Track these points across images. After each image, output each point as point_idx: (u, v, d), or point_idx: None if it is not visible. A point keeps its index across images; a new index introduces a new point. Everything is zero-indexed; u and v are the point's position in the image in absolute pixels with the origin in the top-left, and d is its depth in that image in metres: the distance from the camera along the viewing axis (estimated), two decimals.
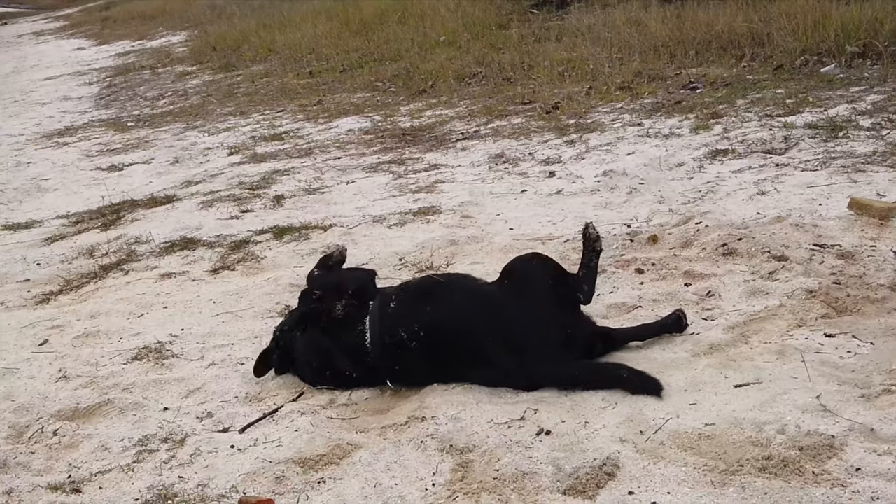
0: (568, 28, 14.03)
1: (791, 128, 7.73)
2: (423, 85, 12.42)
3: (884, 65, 9.30)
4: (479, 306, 4.38)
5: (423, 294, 4.50)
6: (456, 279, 4.70)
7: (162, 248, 7.04)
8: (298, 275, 6.10)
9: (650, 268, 5.43)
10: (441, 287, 4.51)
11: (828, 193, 6.25)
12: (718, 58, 10.86)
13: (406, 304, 4.49)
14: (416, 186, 7.80)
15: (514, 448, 3.81)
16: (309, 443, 4.03)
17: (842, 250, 5.28)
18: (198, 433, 4.28)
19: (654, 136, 8.21)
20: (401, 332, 4.39)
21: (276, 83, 14.75)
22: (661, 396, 4.06)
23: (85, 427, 4.47)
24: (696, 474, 3.48)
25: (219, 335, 5.39)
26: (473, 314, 4.36)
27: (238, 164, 9.68)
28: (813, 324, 4.54)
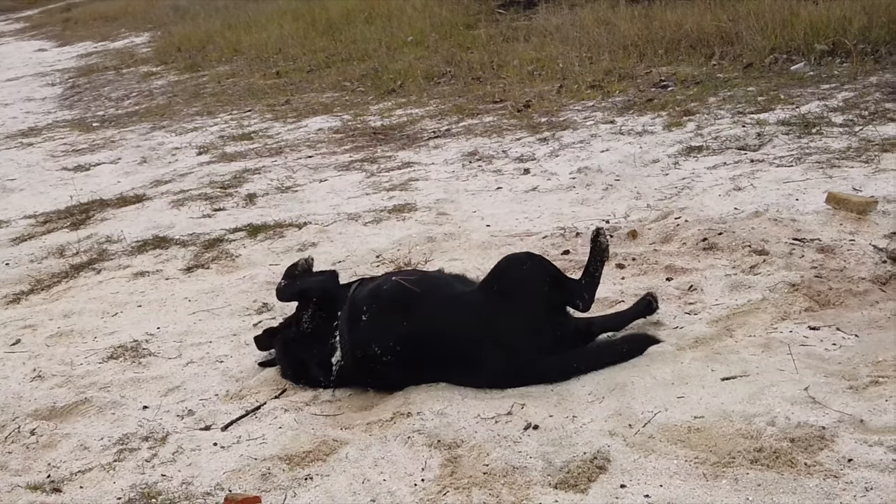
0: (536, 28, 14.02)
1: (764, 125, 7.75)
2: (392, 84, 12.37)
3: (853, 63, 9.33)
4: (460, 318, 4.26)
5: (396, 305, 4.32)
6: (430, 284, 4.47)
7: (134, 246, 6.96)
8: (274, 272, 6.05)
9: (631, 263, 5.42)
10: (416, 298, 4.31)
11: (804, 189, 6.26)
12: (688, 56, 10.88)
13: (378, 317, 4.32)
14: (389, 184, 7.75)
15: (503, 443, 3.77)
16: (294, 439, 3.98)
17: (821, 244, 5.29)
18: (179, 431, 4.22)
19: (628, 134, 8.20)
20: (374, 347, 4.28)
21: (242, 83, 14.64)
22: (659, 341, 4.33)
23: (63, 426, 4.40)
24: (688, 467, 3.46)
25: (196, 333, 5.32)
26: (455, 326, 4.25)
27: (208, 163, 9.60)
28: (797, 317, 4.53)
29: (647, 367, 4.22)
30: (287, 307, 5.35)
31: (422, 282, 4.43)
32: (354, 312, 4.38)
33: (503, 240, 6.08)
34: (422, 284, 4.39)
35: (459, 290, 4.47)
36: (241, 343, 5.06)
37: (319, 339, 4.46)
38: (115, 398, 4.61)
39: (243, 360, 4.85)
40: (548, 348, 4.26)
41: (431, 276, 4.66)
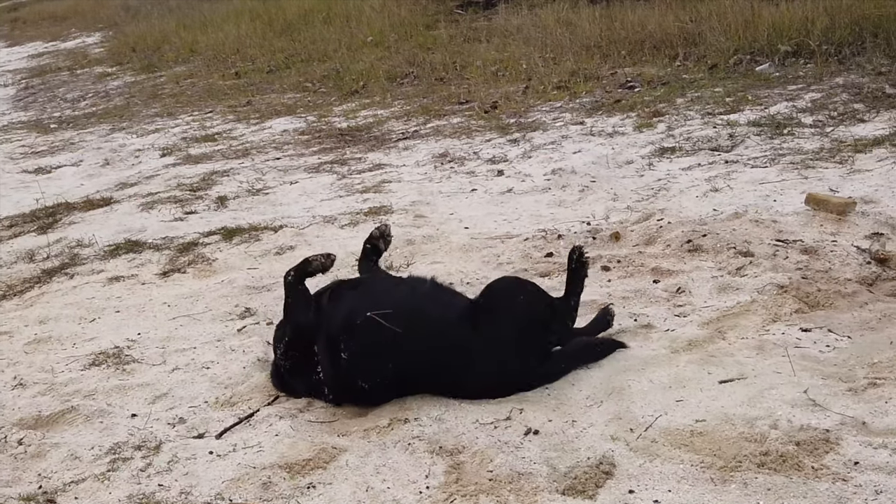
0: (496, 28, 14.02)
1: (735, 125, 7.80)
2: (355, 85, 12.31)
3: (817, 63, 9.41)
4: (449, 351, 4.17)
5: (376, 345, 4.13)
6: (410, 316, 4.20)
7: (106, 251, 6.86)
8: (253, 276, 6.01)
9: (616, 265, 5.42)
10: (397, 336, 4.10)
11: (781, 190, 6.30)
12: (652, 57, 10.91)
13: (359, 356, 4.16)
14: (362, 186, 7.70)
15: (505, 448, 3.75)
16: (291, 447, 3.93)
17: (804, 245, 5.32)
18: (172, 440, 4.16)
19: (599, 135, 8.21)
20: (360, 383, 4.19)
21: (201, 84, 14.51)
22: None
23: (50, 435, 4.32)
24: (695, 471, 3.46)
25: (179, 339, 5.25)
26: (445, 358, 4.17)
27: (173, 165, 9.49)
28: (788, 319, 4.56)
29: (642, 371, 4.22)
30: (271, 311, 5.32)
31: (398, 314, 4.16)
32: (332, 348, 4.22)
33: (484, 242, 6.06)
34: (399, 317, 4.13)
35: (441, 318, 4.26)
36: (226, 349, 5.00)
37: (303, 369, 4.38)
38: (101, 406, 4.54)
39: (230, 366, 4.79)
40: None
41: (405, 300, 4.34)
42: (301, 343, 4.32)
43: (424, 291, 4.43)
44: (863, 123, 7.39)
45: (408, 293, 4.41)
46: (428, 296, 4.42)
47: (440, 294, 4.48)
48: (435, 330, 4.20)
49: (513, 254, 5.79)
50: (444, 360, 4.15)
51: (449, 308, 4.36)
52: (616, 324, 4.73)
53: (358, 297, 4.37)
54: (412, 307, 4.28)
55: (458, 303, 4.44)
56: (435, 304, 4.35)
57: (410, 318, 4.18)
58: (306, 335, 4.31)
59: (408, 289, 4.47)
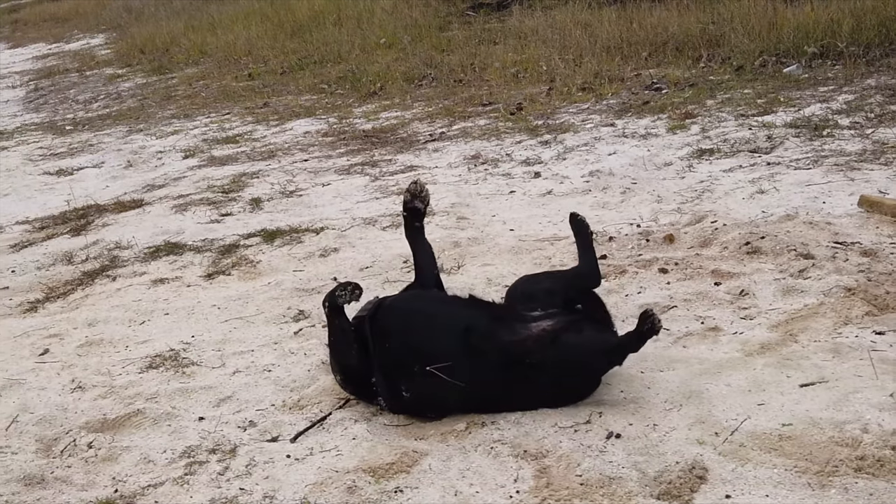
0: (510, 30, 14.00)
1: (771, 127, 7.78)
2: (372, 87, 12.28)
3: (846, 65, 9.40)
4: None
5: (443, 387, 4.04)
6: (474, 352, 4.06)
7: (146, 253, 6.82)
8: (300, 279, 5.98)
9: (674, 267, 5.39)
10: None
11: (828, 192, 6.28)
12: (674, 59, 10.91)
13: (426, 396, 4.13)
14: (397, 188, 7.67)
15: (589, 452, 3.72)
16: (371, 451, 3.89)
17: (863, 248, 5.30)
18: (246, 443, 4.12)
19: (632, 137, 8.19)
20: (427, 412, 4.17)
21: (214, 85, 14.47)
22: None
23: (119, 439, 4.28)
24: (790, 476, 3.43)
25: (234, 342, 5.21)
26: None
27: (198, 167, 9.46)
28: (859, 321, 4.53)
29: (718, 374, 4.19)
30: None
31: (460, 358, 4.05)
32: (392, 387, 4.17)
33: (532, 244, 6.03)
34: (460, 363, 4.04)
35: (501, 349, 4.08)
36: (286, 351, 4.96)
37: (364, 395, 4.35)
38: (166, 409, 4.50)
39: (293, 369, 4.75)
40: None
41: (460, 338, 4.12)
42: (355, 380, 4.29)
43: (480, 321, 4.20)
44: None
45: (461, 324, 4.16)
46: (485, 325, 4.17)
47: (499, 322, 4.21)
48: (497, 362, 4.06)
49: (564, 256, 5.76)
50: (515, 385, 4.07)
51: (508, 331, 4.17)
52: (683, 327, 4.70)
53: (410, 335, 4.20)
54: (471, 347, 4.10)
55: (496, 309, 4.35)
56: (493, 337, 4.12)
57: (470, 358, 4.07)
58: (358, 375, 4.27)
59: (462, 320, 4.20)
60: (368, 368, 4.23)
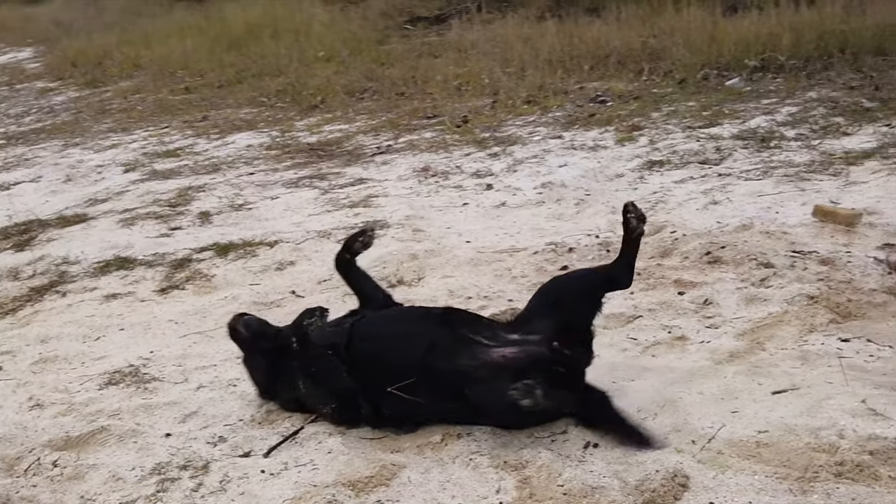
0: (450, 43, 14.03)
1: (719, 139, 7.86)
2: (313, 100, 12.21)
3: (787, 78, 9.53)
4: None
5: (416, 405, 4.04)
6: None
7: (96, 268, 6.71)
8: (258, 292, 5.92)
9: (636, 277, 5.36)
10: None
11: (781, 202, 6.35)
12: (616, 72, 10.99)
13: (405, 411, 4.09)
14: (348, 201, 7.63)
15: (569, 462, 3.71)
16: (348, 464, 3.85)
17: (821, 256, 5.36)
18: (218, 459, 4.05)
19: (581, 149, 8.23)
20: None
21: (151, 99, 14.30)
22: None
23: (85, 457, 4.19)
24: (772, 482, 3.44)
25: (195, 357, 5.14)
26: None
27: (140, 181, 9.32)
28: (824, 329, 4.57)
29: (690, 383, 4.21)
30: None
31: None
32: (376, 408, 4.14)
33: (491, 256, 6.03)
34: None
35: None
36: None
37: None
38: (130, 426, 4.41)
39: None
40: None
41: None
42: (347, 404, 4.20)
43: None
44: (847, 136, 7.49)
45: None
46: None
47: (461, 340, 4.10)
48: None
49: (525, 267, 5.77)
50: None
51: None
52: (650, 336, 4.73)
53: (385, 358, 4.14)
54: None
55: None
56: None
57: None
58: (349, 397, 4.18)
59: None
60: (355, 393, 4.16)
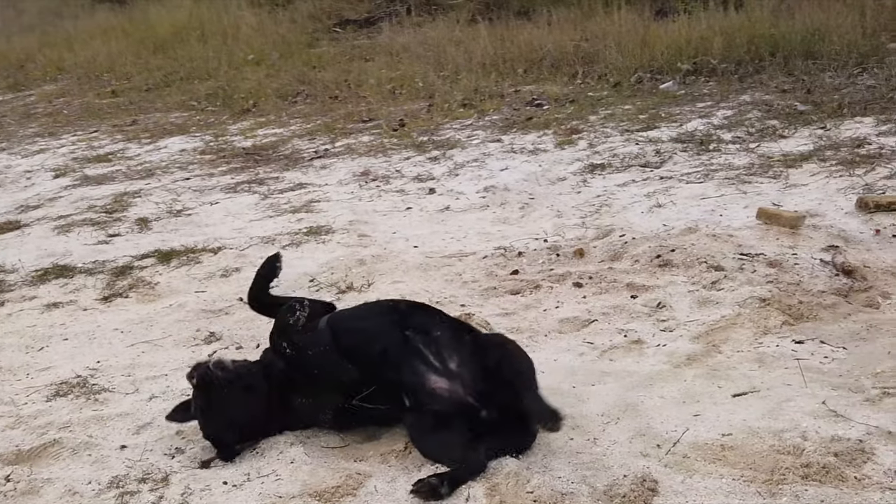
0: (381, 47, 14.00)
1: (658, 142, 7.92)
2: (245, 104, 12.11)
3: (719, 81, 9.63)
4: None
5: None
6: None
7: (34, 276, 6.57)
8: (205, 300, 5.84)
9: (588, 281, 5.42)
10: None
11: (724, 205, 6.41)
12: (550, 75, 11.04)
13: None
14: (290, 206, 7.56)
15: (535, 469, 3.69)
16: (312, 474, 3.80)
17: (768, 258, 5.41)
18: (177, 471, 3.97)
19: (521, 152, 8.25)
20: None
21: (76, 102, 14.08)
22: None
23: (38, 471, 4.08)
24: (740, 485, 3.46)
25: (144, 366, 5.04)
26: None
27: (72, 186, 9.16)
28: (778, 331, 4.62)
29: (650, 387, 4.22)
30: (237, 335, 5.18)
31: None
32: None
33: (439, 261, 6.01)
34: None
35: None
36: None
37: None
38: (83, 438, 4.31)
39: None
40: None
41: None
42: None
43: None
44: (784, 139, 7.59)
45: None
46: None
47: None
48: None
49: (475, 272, 5.76)
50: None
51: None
52: (607, 340, 4.74)
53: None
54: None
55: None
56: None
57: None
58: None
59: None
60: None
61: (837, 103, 8.29)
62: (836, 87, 8.86)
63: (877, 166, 6.63)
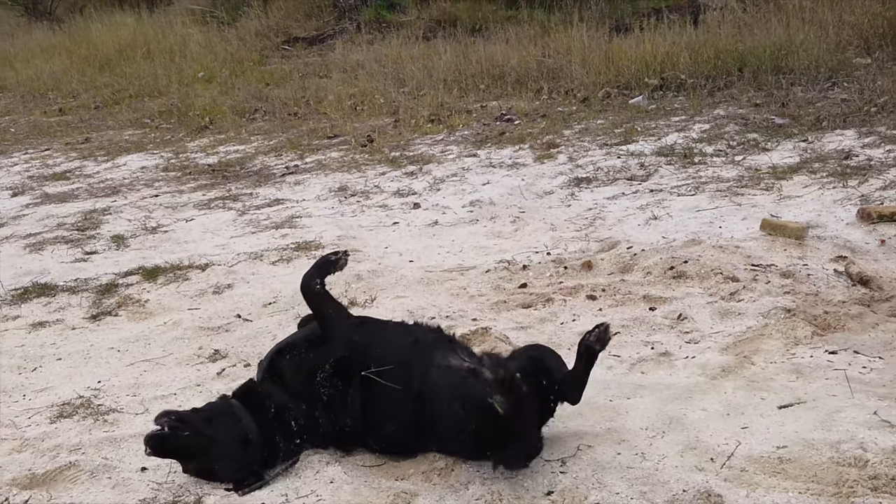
0: (335, 63, 13.83)
1: (640, 156, 7.87)
2: (201, 121, 11.89)
3: (689, 96, 9.62)
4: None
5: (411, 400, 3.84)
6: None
7: (13, 295, 6.34)
8: (201, 318, 5.67)
9: (601, 293, 5.32)
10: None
11: (721, 217, 6.36)
12: (514, 91, 10.99)
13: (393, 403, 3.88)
14: (270, 222, 7.40)
15: (589, 484, 3.57)
16: (355, 494, 3.65)
17: (780, 270, 5.36)
18: (208, 493, 3.79)
19: (500, 167, 8.16)
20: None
21: (23, 121, 13.76)
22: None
23: (58, 495, 3.89)
24: (808, 499, 3.37)
25: (150, 386, 4.86)
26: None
27: (34, 204, 8.90)
28: (809, 342, 4.56)
29: (690, 399, 4.13)
30: (243, 352, 5.02)
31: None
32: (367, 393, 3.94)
33: (441, 275, 5.89)
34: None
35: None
36: (214, 393, 4.61)
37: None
38: (98, 461, 4.12)
39: None
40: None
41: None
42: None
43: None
44: (767, 152, 7.57)
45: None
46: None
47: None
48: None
49: (480, 286, 5.64)
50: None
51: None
52: (634, 352, 4.64)
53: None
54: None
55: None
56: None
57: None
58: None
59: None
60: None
61: (815, 116, 8.31)
62: (809, 101, 8.88)
63: (869, 177, 6.62)
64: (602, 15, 12.76)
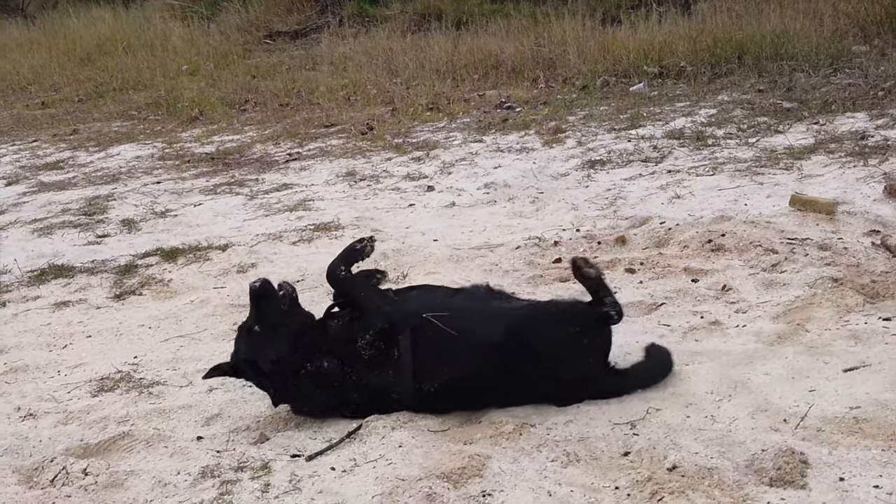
0: (322, 56, 13.77)
1: (652, 139, 7.87)
2: (191, 112, 11.77)
3: (689, 83, 9.63)
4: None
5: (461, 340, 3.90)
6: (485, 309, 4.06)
7: (31, 277, 6.24)
8: (228, 295, 5.59)
9: (640, 267, 5.29)
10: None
11: (745, 195, 6.35)
12: (510, 80, 10.96)
13: (444, 351, 3.91)
14: (283, 206, 7.33)
15: (665, 445, 3.52)
16: (427, 457, 3.58)
17: (816, 243, 5.34)
18: (274, 459, 3.73)
19: (509, 151, 8.13)
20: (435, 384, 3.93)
21: (5, 114, 13.56)
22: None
23: (116, 464, 3.82)
24: (891, 455, 3.33)
25: (189, 360, 4.78)
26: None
27: (32, 192, 8.78)
28: (861, 309, 4.52)
29: (751, 364, 4.09)
30: None
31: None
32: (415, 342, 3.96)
33: (469, 252, 5.85)
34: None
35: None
36: None
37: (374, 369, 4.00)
38: (151, 431, 4.05)
39: None
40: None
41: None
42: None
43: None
44: (781, 134, 7.58)
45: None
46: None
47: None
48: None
49: (513, 261, 5.61)
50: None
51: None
52: (683, 322, 4.61)
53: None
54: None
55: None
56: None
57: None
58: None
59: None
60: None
61: (823, 100, 8.33)
62: (813, 86, 8.91)
63: (889, 156, 6.63)
64: (590, 7, 12.75)
